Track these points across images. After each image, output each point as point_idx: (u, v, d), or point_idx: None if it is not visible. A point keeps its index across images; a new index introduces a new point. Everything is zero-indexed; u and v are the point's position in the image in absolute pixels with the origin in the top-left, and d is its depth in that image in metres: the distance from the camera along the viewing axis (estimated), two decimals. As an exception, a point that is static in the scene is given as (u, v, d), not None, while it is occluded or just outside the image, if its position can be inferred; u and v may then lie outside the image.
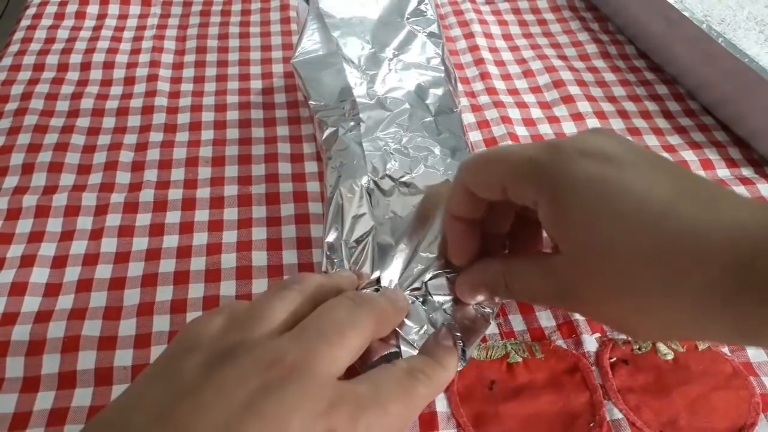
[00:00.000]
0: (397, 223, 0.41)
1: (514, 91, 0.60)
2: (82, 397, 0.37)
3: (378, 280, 0.39)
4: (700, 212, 0.27)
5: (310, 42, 0.52)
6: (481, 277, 0.37)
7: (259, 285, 0.43)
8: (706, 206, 0.27)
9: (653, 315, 0.29)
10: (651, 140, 0.54)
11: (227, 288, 0.43)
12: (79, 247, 0.45)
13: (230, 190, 0.49)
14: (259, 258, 0.45)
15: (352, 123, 0.46)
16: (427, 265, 0.40)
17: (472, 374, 0.38)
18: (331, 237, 0.40)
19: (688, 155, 0.53)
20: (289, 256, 0.45)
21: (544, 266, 0.33)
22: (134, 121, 0.55)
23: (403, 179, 0.42)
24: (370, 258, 0.40)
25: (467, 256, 0.38)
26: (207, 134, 0.54)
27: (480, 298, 0.38)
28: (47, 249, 0.45)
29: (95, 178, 0.50)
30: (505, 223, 0.39)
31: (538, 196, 0.31)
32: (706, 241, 0.26)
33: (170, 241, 0.46)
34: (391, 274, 0.40)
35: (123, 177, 0.50)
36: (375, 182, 0.42)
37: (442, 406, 0.37)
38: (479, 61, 0.62)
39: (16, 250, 0.45)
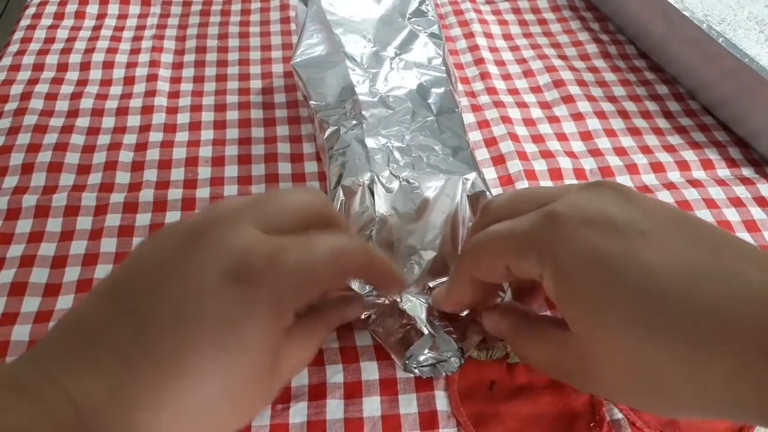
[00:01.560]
0: (398, 221, 0.41)
1: (514, 91, 0.59)
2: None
3: None
4: (724, 287, 0.25)
5: (310, 43, 0.52)
6: (497, 325, 0.35)
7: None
8: (732, 278, 0.25)
9: (677, 400, 0.27)
10: (651, 140, 0.54)
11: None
12: (78, 247, 0.45)
13: (230, 190, 0.49)
14: (259, 258, 0.45)
15: (354, 122, 0.46)
16: (429, 264, 0.40)
17: (473, 374, 0.38)
18: None
19: (689, 155, 0.53)
20: (289, 256, 0.45)
21: (555, 342, 0.31)
22: (134, 120, 0.55)
23: (406, 177, 0.42)
24: None
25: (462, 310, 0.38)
26: (206, 134, 0.54)
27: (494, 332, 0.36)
28: (47, 249, 0.45)
29: (95, 178, 0.50)
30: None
31: (542, 271, 0.29)
32: (733, 321, 0.24)
33: (170, 241, 0.46)
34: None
35: (122, 177, 0.50)
36: (378, 179, 0.42)
37: (442, 405, 0.37)
38: (479, 61, 0.62)
39: (15, 250, 0.45)
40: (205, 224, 0.29)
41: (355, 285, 0.39)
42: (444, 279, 0.40)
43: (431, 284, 0.40)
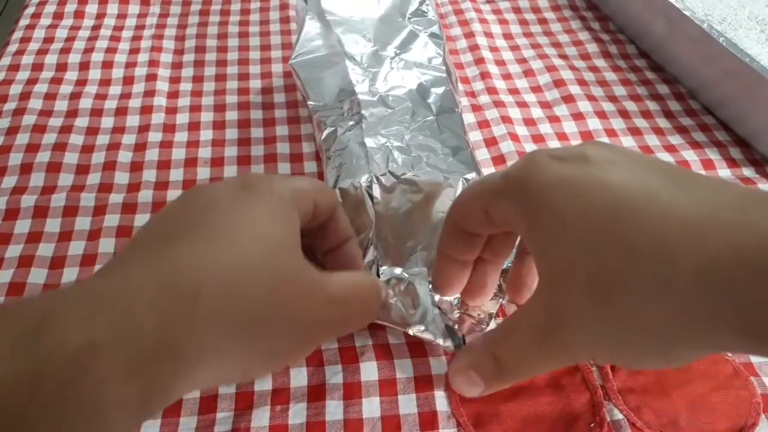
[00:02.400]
0: (397, 220, 0.41)
1: (514, 91, 0.59)
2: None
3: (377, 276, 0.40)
4: (686, 197, 0.25)
5: (309, 42, 0.51)
6: (467, 360, 0.32)
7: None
8: (694, 193, 0.25)
9: (647, 328, 0.25)
10: (652, 140, 0.54)
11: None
12: (77, 247, 0.45)
13: (229, 190, 0.49)
14: (258, 258, 0.45)
15: (351, 122, 0.46)
16: (428, 263, 0.40)
17: (472, 375, 0.38)
18: None
19: (689, 155, 0.53)
20: (288, 257, 0.45)
21: (524, 313, 0.30)
22: (133, 121, 0.55)
23: (405, 176, 0.42)
24: (370, 255, 0.40)
25: (453, 290, 0.38)
26: (206, 134, 0.54)
27: (477, 389, 0.32)
28: (45, 249, 0.45)
29: (94, 178, 0.50)
30: (504, 252, 0.37)
31: (515, 212, 0.29)
32: (695, 226, 0.23)
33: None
34: (390, 272, 0.40)
35: (121, 177, 0.50)
36: (377, 179, 0.42)
37: (442, 405, 0.37)
38: (479, 61, 0.62)
39: (14, 251, 0.45)
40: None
41: None
42: None
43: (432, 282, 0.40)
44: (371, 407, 0.37)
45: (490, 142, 0.53)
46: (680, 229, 0.24)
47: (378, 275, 0.39)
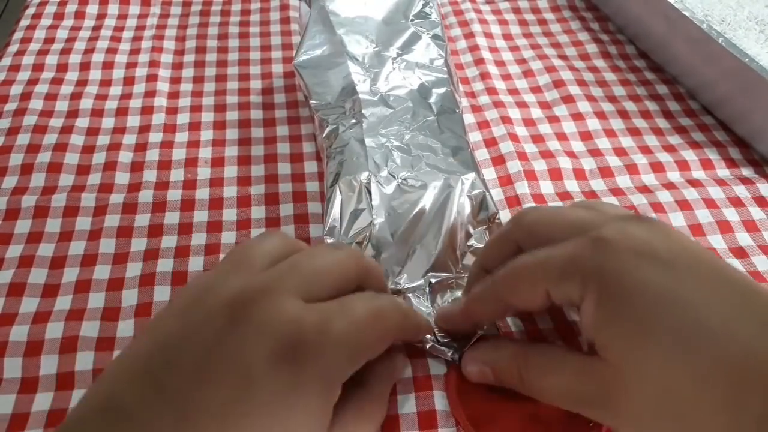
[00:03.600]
0: (396, 220, 0.41)
1: (514, 91, 0.59)
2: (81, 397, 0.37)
3: None
4: (764, 329, 0.25)
5: (312, 43, 0.51)
6: (491, 358, 0.35)
7: (257, 285, 0.43)
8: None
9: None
10: (651, 140, 0.54)
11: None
12: (77, 247, 0.45)
13: (229, 191, 0.49)
14: (258, 258, 0.45)
15: (353, 120, 0.46)
16: (427, 264, 0.40)
17: (472, 375, 0.38)
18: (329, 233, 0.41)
19: (689, 155, 0.53)
20: (288, 257, 0.45)
21: (576, 368, 0.30)
22: (133, 121, 0.55)
23: (404, 176, 0.42)
24: (369, 255, 0.40)
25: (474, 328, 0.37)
26: (206, 134, 0.54)
27: (484, 381, 0.35)
28: (45, 249, 0.45)
29: (94, 178, 0.50)
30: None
31: (583, 295, 0.29)
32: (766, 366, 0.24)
33: (169, 241, 0.46)
34: (388, 272, 0.40)
35: (122, 177, 0.50)
36: (376, 179, 0.42)
37: (441, 404, 0.37)
38: (479, 61, 0.62)
39: (14, 251, 0.45)
40: (245, 299, 0.28)
41: None
42: (445, 275, 0.40)
43: (432, 280, 0.41)
44: (371, 407, 0.37)
45: (490, 142, 0.53)
46: (751, 369, 0.25)
47: None
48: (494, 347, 0.35)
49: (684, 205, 0.48)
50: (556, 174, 0.51)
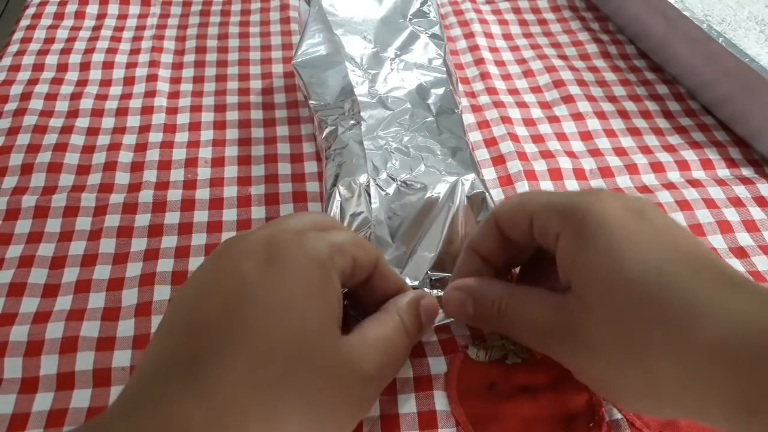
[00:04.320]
0: (396, 222, 0.41)
1: (514, 91, 0.59)
2: (81, 398, 0.37)
3: None
4: (703, 281, 0.27)
5: (312, 43, 0.51)
6: (476, 288, 0.36)
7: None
8: (738, 291, 0.27)
9: (648, 376, 0.28)
10: (651, 140, 0.54)
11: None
12: (77, 247, 0.45)
13: (230, 191, 0.49)
14: (258, 258, 0.45)
15: (352, 122, 0.46)
16: (428, 265, 0.40)
17: (472, 374, 0.38)
18: None
19: (689, 155, 0.53)
20: (288, 257, 0.45)
21: (551, 300, 0.32)
22: (133, 121, 0.55)
23: (404, 178, 0.42)
24: None
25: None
26: (206, 135, 0.54)
27: (463, 312, 0.36)
28: (46, 249, 0.45)
29: (94, 178, 0.50)
30: (520, 261, 0.39)
31: (562, 228, 0.31)
32: (726, 312, 0.26)
33: (169, 241, 0.46)
34: None
35: (122, 177, 0.50)
36: (375, 181, 0.42)
37: (441, 405, 0.37)
38: (479, 61, 0.62)
39: (14, 251, 0.45)
40: (228, 241, 0.31)
41: None
42: (445, 275, 0.40)
43: (433, 276, 0.41)
44: (370, 407, 0.37)
45: (490, 142, 0.53)
46: (709, 309, 0.26)
47: None
48: (482, 280, 0.36)
49: (684, 205, 0.48)
50: (556, 174, 0.51)
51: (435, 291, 0.40)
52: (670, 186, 0.50)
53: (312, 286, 0.29)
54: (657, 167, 0.52)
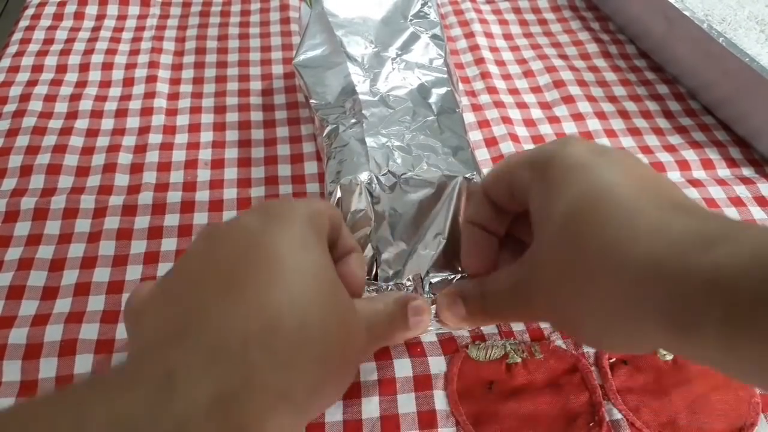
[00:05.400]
0: (397, 220, 0.41)
1: (514, 91, 0.59)
2: (80, 400, 0.37)
3: (376, 276, 0.40)
4: (671, 215, 0.27)
5: (312, 43, 0.51)
6: (459, 286, 0.36)
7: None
8: (679, 213, 0.27)
9: (594, 301, 0.28)
10: (651, 140, 0.54)
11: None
12: (76, 249, 0.45)
13: (229, 193, 0.49)
14: (258, 260, 0.45)
15: (353, 120, 0.46)
16: (428, 262, 0.40)
17: (472, 374, 0.38)
18: None
19: (689, 155, 0.53)
20: (288, 258, 0.45)
21: (516, 264, 0.32)
22: (133, 122, 0.55)
23: (405, 176, 0.42)
24: (370, 255, 0.40)
25: (481, 264, 0.37)
26: (206, 136, 0.54)
27: (457, 313, 0.36)
28: (45, 252, 0.45)
29: (93, 180, 0.50)
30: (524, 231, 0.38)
31: (531, 179, 0.31)
32: (660, 232, 0.26)
33: (168, 244, 0.46)
34: (389, 271, 0.40)
35: (121, 179, 0.50)
36: (377, 178, 0.42)
37: (441, 404, 0.37)
38: (479, 61, 0.62)
39: (13, 253, 0.45)
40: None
41: None
42: (446, 273, 0.40)
43: (433, 279, 0.41)
44: (370, 407, 0.37)
45: (490, 142, 0.53)
46: (647, 226, 0.26)
47: (376, 276, 0.40)
48: (469, 281, 0.36)
49: (684, 205, 0.48)
50: (556, 174, 0.51)
51: (433, 295, 0.40)
52: (670, 186, 0.50)
53: (312, 239, 0.29)
54: (657, 167, 0.52)
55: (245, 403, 0.24)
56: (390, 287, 0.40)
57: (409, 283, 0.40)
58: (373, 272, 0.40)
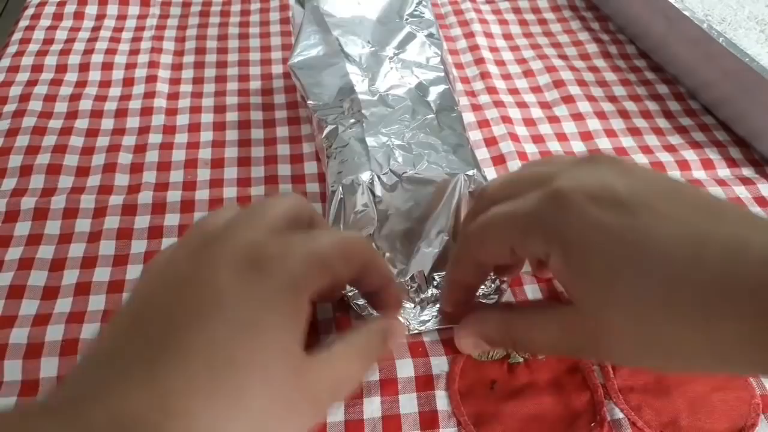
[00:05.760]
0: (399, 218, 0.41)
1: (514, 91, 0.59)
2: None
3: None
4: (728, 252, 0.25)
5: (308, 44, 0.52)
6: (480, 329, 0.35)
7: (258, 287, 0.43)
8: (733, 242, 0.25)
9: (689, 362, 0.28)
10: (651, 140, 0.54)
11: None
12: (77, 249, 0.45)
13: (229, 192, 0.49)
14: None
15: (352, 120, 0.46)
16: (431, 261, 0.40)
17: (473, 374, 0.38)
18: None
19: (689, 155, 0.53)
20: (289, 258, 0.45)
21: (559, 320, 0.31)
22: (133, 122, 0.55)
23: (407, 174, 0.42)
24: None
25: (461, 308, 0.37)
26: (206, 135, 0.54)
27: (477, 352, 0.37)
28: (45, 252, 0.45)
29: (94, 180, 0.50)
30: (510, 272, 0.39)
31: (550, 251, 0.29)
32: (738, 283, 0.25)
33: (169, 243, 0.45)
34: (393, 270, 0.40)
35: (122, 179, 0.50)
36: (378, 178, 0.42)
37: (442, 404, 0.37)
38: (479, 61, 0.62)
39: (14, 253, 0.44)
40: (206, 236, 0.29)
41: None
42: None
43: (436, 276, 0.41)
44: (372, 407, 0.37)
45: (490, 141, 0.53)
46: (721, 293, 0.25)
47: None
48: (480, 320, 0.35)
49: (685, 204, 0.48)
50: (556, 174, 0.51)
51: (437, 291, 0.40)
52: (670, 186, 0.50)
53: (285, 307, 0.27)
54: (657, 167, 0.52)
55: None
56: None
57: (414, 283, 0.40)
58: None
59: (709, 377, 0.38)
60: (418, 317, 0.40)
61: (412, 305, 0.40)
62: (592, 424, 0.36)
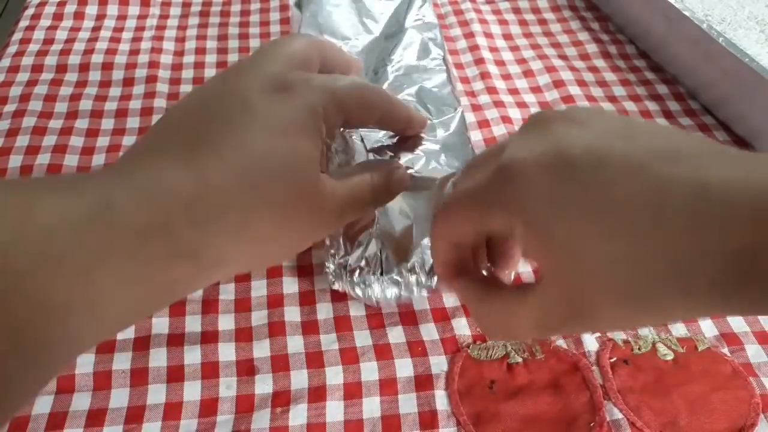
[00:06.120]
0: (400, 218, 0.41)
1: (514, 91, 0.59)
2: (81, 400, 0.37)
3: (382, 269, 0.41)
4: (690, 202, 0.24)
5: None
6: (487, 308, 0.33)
7: (258, 286, 0.43)
8: (695, 192, 0.24)
9: (658, 307, 0.26)
10: (651, 140, 0.54)
11: (226, 289, 0.43)
12: (77, 249, 0.45)
13: (229, 192, 0.49)
14: (258, 259, 0.45)
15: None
16: (430, 258, 0.41)
17: (473, 374, 0.38)
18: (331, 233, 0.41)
19: (689, 155, 0.53)
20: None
21: (539, 296, 0.29)
22: (133, 122, 0.55)
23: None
24: (375, 250, 0.40)
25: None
26: (206, 135, 0.54)
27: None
28: (46, 251, 0.45)
29: (94, 180, 0.50)
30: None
31: (510, 225, 0.28)
32: (702, 240, 0.23)
33: (169, 242, 0.45)
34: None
35: (122, 179, 0.50)
36: None
37: (442, 404, 0.37)
38: (479, 61, 0.62)
39: (14, 253, 0.44)
40: (238, 66, 0.32)
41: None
42: None
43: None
44: (371, 407, 0.37)
45: (490, 141, 0.54)
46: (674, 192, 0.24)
47: (382, 272, 0.40)
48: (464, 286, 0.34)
49: (684, 205, 0.48)
50: (556, 174, 0.51)
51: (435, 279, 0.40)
52: (670, 186, 0.50)
53: (307, 123, 0.30)
54: (657, 167, 0.52)
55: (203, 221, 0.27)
56: None
57: (413, 275, 0.40)
58: (379, 265, 0.40)
59: (709, 377, 0.38)
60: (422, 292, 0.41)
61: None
62: (591, 425, 0.36)
